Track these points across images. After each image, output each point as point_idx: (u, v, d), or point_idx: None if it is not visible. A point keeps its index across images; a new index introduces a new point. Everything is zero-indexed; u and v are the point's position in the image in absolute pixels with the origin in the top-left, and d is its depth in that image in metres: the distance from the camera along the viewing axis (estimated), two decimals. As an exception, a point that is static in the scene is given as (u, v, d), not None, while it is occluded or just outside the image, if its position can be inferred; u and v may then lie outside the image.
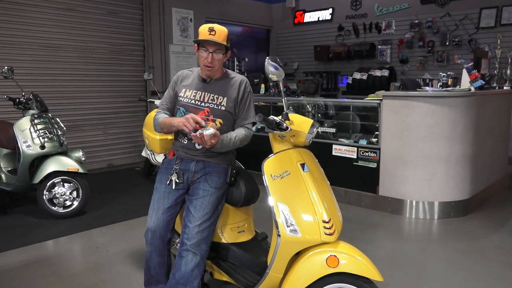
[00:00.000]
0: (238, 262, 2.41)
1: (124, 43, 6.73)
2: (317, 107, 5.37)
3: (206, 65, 2.34)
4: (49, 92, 5.75)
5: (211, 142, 2.13)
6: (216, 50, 2.32)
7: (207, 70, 2.36)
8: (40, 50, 5.83)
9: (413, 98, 4.29)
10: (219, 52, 2.33)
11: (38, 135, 4.20)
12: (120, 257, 3.39)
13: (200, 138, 2.12)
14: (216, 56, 2.33)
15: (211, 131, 2.11)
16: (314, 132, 2.23)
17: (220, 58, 2.35)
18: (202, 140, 2.13)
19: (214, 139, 2.13)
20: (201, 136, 2.11)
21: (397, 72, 7.74)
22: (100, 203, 4.73)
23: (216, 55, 2.33)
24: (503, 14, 6.66)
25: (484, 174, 4.75)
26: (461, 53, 6.94)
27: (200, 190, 2.35)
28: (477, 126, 4.38)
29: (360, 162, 4.63)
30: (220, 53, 2.34)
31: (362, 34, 8.22)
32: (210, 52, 2.31)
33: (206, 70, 2.36)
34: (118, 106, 6.73)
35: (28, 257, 3.41)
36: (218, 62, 2.35)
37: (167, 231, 2.37)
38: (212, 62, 2.32)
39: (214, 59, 2.32)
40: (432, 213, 4.31)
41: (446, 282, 2.99)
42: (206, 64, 2.33)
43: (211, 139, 2.12)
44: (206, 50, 2.32)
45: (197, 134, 2.12)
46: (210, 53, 2.31)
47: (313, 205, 2.07)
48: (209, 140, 2.12)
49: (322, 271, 1.97)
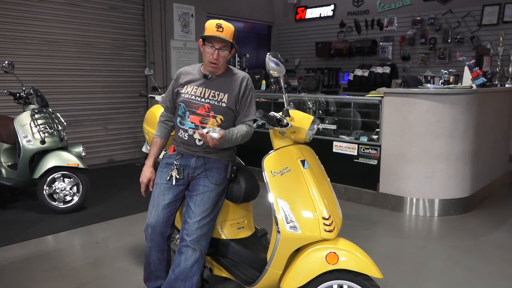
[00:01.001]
0: (237, 258, 2.42)
1: (125, 39, 6.71)
2: (318, 104, 5.36)
3: (211, 62, 2.32)
4: (50, 87, 5.74)
5: (213, 142, 2.13)
6: (223, 47, 2.30)
7: (211, 67, 2.35)
8: (41, 45, 5.82)
9: (414, 95, 4.28)
10: (225, 49, 2.32)
11: (38, 130, 4.20)
12: (120, 253, 3.39)
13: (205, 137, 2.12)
14: (222, 53, 2.31)
15: (217, 135, 2.10)
16: (314, 129, 2.22)
17: (225, 55, 2.34)
18: (206, 139, 2.13)
19: (218, 140, 2.13)
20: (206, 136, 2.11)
21: (399, 69, 7.72)
22: (100, 198, 4.74)
23: (222, 52, 2.31)
24: (506, 12, 6.63)
25: (484, 172, 4.74)
26: (463, 51, 6.92)
27: (200, 186, 2.35)
28: (478, 124, 4.37)
29: (361, 159, 4.63)
30: (226, 50, 2.32)
31: (364, 31, 8.20)
32: (216, 49, 2.29)
33: (210, 66, 2.35)
34: (119, 102, 6.72)
35: (28, 252, 3.41)
36: (223, 59, 2.34)
37: (167, 227, 2.37)
38: (217, 59, 2.31)
39: (219, 56, 2.31)
40: (433, 210, 4.31)
41: (446, 280, 2.99)
42: (211, 60, 2.31)
43: (213, 140, 2.12)
44: (213, 47, 2.30)
45: (203, 132, 2.11)
46: (216, 50, 2.29)
47: (313, 201, 2.06)
48: (211, 141, 2.12)
49: (322, 268, 1.97)
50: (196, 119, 2.36)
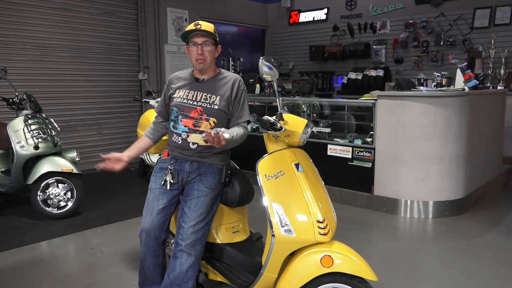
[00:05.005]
0: (233, 262, 2.41)
1: (119, 43, 6.71)
2: (312, 107, 5.38)
3: (197, 59, 2.34)
4: (43, 92, 5.72)
5: (222, 143, 2.07)
6: (205, 41, 2.32)
7: (199, 63, 2.35)
8: (34, 50, 5.80)
9: (407, 98, 4.30)
10: (208, 43, 2.34)
11: (32, 136, 4.18)
12: (114, 258, 3.38)
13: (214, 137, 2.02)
14: (206, 48, 2.33)
15: (228, 135, 2.09)
16: (308, 132, 2.23)
17: (210, 50, 2.35)
18: (215, 139, 2.03)
19: (225, 141, 2.10)
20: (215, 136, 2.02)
21: (392, 72, 7.77)
22: (94, 203, 4.71)
23: (206, 47, 2.33)
24: (497, 14, 6.70)
25: (478, 173, 4.77)
26: (455, 53, 6.98)
27: (194, 191, 2.34)
28: (471, 126, 4.40)
29: (355, 161, 4.64)
30: (209, 44, 2.34)
31: (357, 34, 8.25)
32: (199, 44, 2.32)
33: (198, 64, 2.36)
34: (113, 106, 6.71)
35: (22, 258, 3.39)
36: (209, 54, 2.35)
37: (161, 232, 2.36)
38: (202, 54, 2.32)
39: (204, 50, 2.32)
40: (427, 212, 4.33)
41: (441, 281, 3.00)
42: (197, 57, 2.33)
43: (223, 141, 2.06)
44: (195, 44, 2.32)
45: (212, 132, 2.02)
46: (199, 45, 2.32)
47: (308, 205, 2.07)
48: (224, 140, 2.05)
49: (317, 271, 1.97)
50: (189, 123, 2.36)
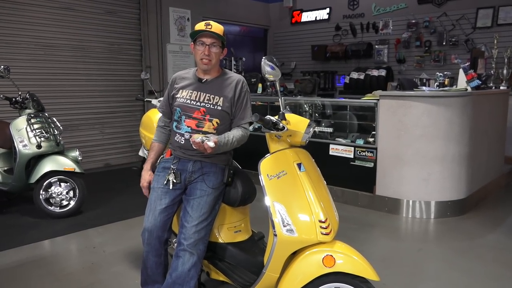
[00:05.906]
0: (235, 261, 2.42)
1: (121, 42, 6.72)
2: (314, 107, 5.38)
3: (203, 58, 2.33)
4: (46, 92, 5.73)
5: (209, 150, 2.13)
6: (213, 43, 2.33)
7: (204, 64, 2.35)
8: (37, 49, 5.81)
9: (410, 98, 4.30)
10: (216, 45, 2.34)
11: (34, 135, 4.19)
12: (116, 257, 3.39)
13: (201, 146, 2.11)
14: (213, 50, 2.33)
15: (212, 143, 2.10)
16: (310, 132, 2.23)
17: (217, 52, 2.35)
18: (201, 148, 2.13)
19: (213, 148, 2.12)
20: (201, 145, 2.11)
21: (394, 72, 7.75)
22: (96, 202, 4.72)
23: (213, 49, 2.33)
24: (500, 14, 6.68)
25: (480, 173, 4.76)
26: (458, 53, 6.97)
27: (197, 190, 2.35)
28: (473, 126, 4.40)
29: (357, 161, 4.64)
30: (217, 46, 2.34)
31: (359, 34, 8.23)
32: (207, 45, 2.31)
33: (203, 64, 2.36)
34: (115, 106, 6.72)
35: (24, 257, 3.40)
36: (215, 56, 2.35)
37: (164, 231, 2.37)
38: (209, 55, 2.32)
39: (210, 52, 2.32)
40: (429, 212, 4.33)
41: (442, 282, 3.00)
42: (203, 57, 2.33)
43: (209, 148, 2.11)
44: (203, 44, 2.32)
45: (199, 141, 2.10)
46: (207, 46, 2.31)
47: (310, 205, 2.07)
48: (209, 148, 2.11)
49: (319, 271, 1.97)
50: (192, 123, 2.36)
